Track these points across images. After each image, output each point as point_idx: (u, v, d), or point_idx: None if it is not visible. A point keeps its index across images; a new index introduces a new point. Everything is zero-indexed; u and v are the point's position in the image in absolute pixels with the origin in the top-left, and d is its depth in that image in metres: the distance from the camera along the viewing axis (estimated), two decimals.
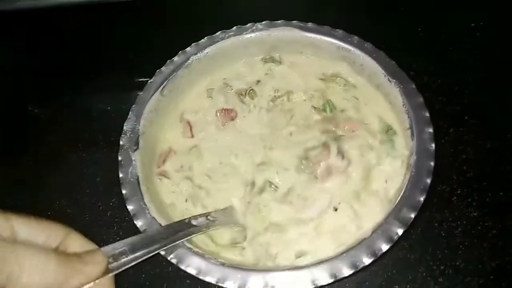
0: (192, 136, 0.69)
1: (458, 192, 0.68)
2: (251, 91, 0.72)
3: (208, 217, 0.57)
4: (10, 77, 0.92)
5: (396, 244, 0.62)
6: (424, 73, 0.79)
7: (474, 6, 0.89)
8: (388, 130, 0.65)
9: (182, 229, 0.53)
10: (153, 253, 0.48)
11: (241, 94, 0.72)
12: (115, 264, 0.44)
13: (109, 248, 0.45)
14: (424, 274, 0.62)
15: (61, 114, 0.84)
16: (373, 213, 0.58)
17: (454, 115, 0.75)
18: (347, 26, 0.72)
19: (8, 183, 0.76)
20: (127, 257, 0.45)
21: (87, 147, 0.77)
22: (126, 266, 0.45)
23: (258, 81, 0.73)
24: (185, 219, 0.55)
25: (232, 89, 0.73)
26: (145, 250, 0.47)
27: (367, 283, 0.62)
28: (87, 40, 0.94)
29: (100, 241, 0.67)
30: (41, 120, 0.85)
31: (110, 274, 0.43)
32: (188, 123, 0.70)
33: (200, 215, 0.57)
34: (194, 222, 0.55)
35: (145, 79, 0.70)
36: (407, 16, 0.90)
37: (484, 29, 0.85)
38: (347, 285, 0.62)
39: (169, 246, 0.51)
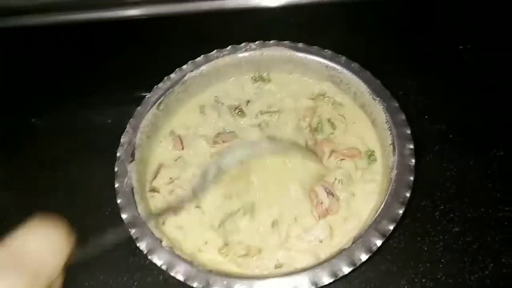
0: (182, 149, 0.74)
1: (441, 207, 0.72)
2: (240, 111, 0.77)
3: None
4: (14, 90, 0.99)
5: (380, 257, 0.68)
6: (411, 93, 0.85)
7: (462, 29, 0.96)
8: (370, 156, 0.70)
9: None
10: None
11: (234, 110, 0.77)
12: None
13: None
14: (406, 287, 0.66)
15: (62, 126, 0.90)
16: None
17: (439, 133, 0.80)
18: (337, 47, 0.77)
19: (8, 191, 0.82)
20: None
21: (86, 159, 0.83)
22: None
23: (248, 101, 0.79)
24: None
25: (224, 105, 0.78)
26: None
27: None
28: (89, 57, 1.01)
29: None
30: (43, 131, 0.90)
31: None
32: (179, 137, 0.75)
33: None
34: None
35: (145, 94, 0.76)
36: (396, 37, 0.96)
37: (470, 51, 0.91)
38: None
39: None
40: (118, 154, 0.68)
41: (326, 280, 0.55)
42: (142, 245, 0.59)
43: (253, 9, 0.99)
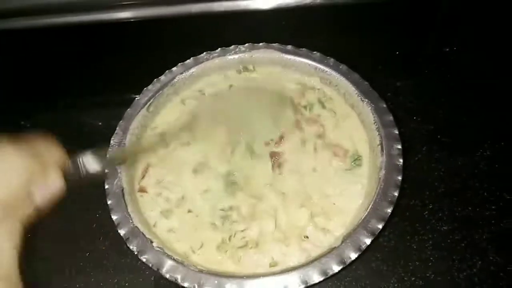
0: (167, 146, 0.74)
1: (430, 207, 0.74)
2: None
3: None
4: (4, 92, 0.98)
5: (370, 255, 0.69)
6: (400, 94, 0.86)
7: (448, 32, 0.98)
8: (356, 160, 0.70)
9: None
10: None
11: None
12: None
13: None
14: (396, 285, 0.67)
15: (53, 128, 0.89)
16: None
17: (428, 133, 0.82)
18: (327, 49, 0.79)
19: None
20: None
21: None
22: None
23: (231, 85, 0.79)
24: None
25: (205, 94, 0.79)
26: None
27: None
28: (80, 59, 1.01)
29: (86, 251, 0.72)
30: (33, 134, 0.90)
31: None
32: (163, 133, 0.75)
33: None
34: None
35: (134, 96, 0.76)
36: (385, 39, 0.98)
37: (457, 53, 0.93)
38: None
39: None
40: (107, 156, 0.68)
41: (316, 278, 0.56)
42: (133, 245, 0.59)
43: (242, 11, 1.00)
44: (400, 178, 0.63)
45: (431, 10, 1.01)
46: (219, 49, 0.80)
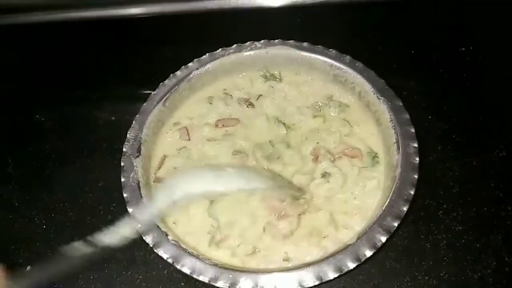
0: (189, 140, 0.75)
1: (444, 206, 0.74)
2: (250, 104, 0.78)
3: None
4: (19, 86, 1.00)
5: (384, 254, 0.69)
6: (415, 93, 0.87)
7: (464, 32, 0.98)
8: (374, 158, 0.71)
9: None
10: None
11: (243, 102, 0.79)
12: None
13: None
14: (409, 284, 0.68)
15: (68, 122, 0.92)
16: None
17: (442, 133, 0.82)
18: (344, 47, 0.79)
19: (15, 185, 0.83)
20: None
21: (91, 154, 0.84)
22: None
23: (260, 95, 0.80)
24: None
25: (232, 97, 0.80)
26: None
27: None
28: (96, 54, 1.03)
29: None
30: (48, 128, 0.92)
31: None
32: (186, 128, 0.76)
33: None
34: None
35: (150, 91, 0.77)
36: (401, 38, 0.98)
37: (473, 53, 0.93)
38: None
39: None
40: (124, 149, 0.70)
41: (332, 275, 0.56)
42: (148, 239, 0.60)
43: (258, 8, 1.01)
44: (416, 176, 0.63)
45: (446, 10, 1.01)
46: (234, 45, 0.81)
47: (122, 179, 0.66)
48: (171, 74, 0.78)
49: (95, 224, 0.76)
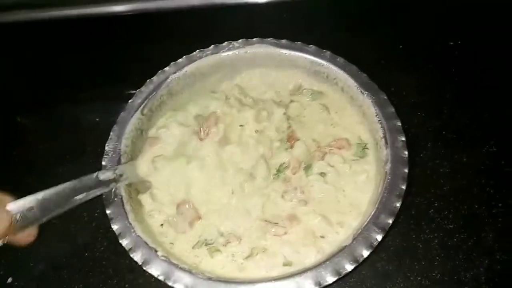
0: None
1: (435, 205, 0.78)
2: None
3: (115, 171, 0.67)
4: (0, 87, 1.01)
5: (375, 256, 0.72)
6: (404, 89, 0.90)
7: (453, 26, 1.01)
8: (363, 149, 0.74)
9: (92, 184, 0.63)
10: (64, 210, 0.58)
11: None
12: (23, 222, 0.52)
13: (15, 206, 0.52)
14: (401, 285, 0.72)
15: (50, 124, 0.94)
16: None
17: (432, 130, 0.86)
18: (329, 44, 0.81)
19: None
20: (36, 215, 0.53)
21: (74, 158, 0.86)
22: (35, 224, 0.53)
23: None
24: (92, 174, 0.65)
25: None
26: (56, 209, 0.57)
27: None
28: (77, 53, 1.04)
29: (85, 250, 0.77)
30: (30, 130, 0.94)
31: (16, 235, 0.50)
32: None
33: (107, 170, 0.67)
34: (101, 177, 0.64)
35: (134, 91, 0.79)
36: (389, 34, 1.01)
37: (462, 48, 0.97)
38: None
39: (79, 203, 0.60)
40: (103, 163, 0.71)
41: (330, 279, 0.58)
42: (137, 256, 0.62)
43: (235, 5, 1.03)
44: (406, 170, 0.66)
45: (434, 4, 1.04)
46: (212, 46, 0.82)
47: (104, 195, 0.67)
48: (148, 80, 0.79)
49: (79, 231, 0.79)
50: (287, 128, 0.78)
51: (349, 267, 0.59)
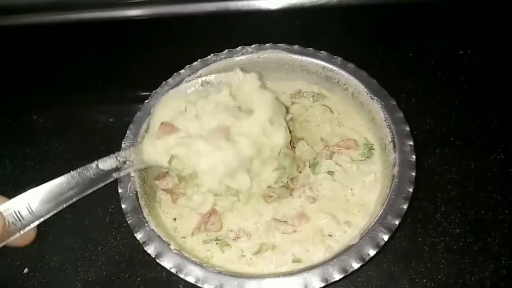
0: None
1: (442, 209, 0.80)
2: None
3: (118, 158, 0.66)
4: (14, 88, 1.06)
5: (382, 257, 0.75)
6: (414, 96, 0.93)
7: (462, 35, 1.05)
8: (370, 150, 0.78)
9: (93, 175, 0.60)
10: (61, 208, 0.54)
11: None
12: (17, 225, 0.48)
13: (5, 207, 0.49)
14: (407, 286, 0.74)
15: (66, 124, 0.98)
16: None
17: (441, 136, 0.89)
18: (340, 52, 0.84)
19: (14, 188, 0.87)
20: (31, 215, 0.49)
21: (89, 157, 0.88)
22: (31, 226, 0.49)
23: None
24: (91, 163, 0.62)
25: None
26: (51, 206, 0.52)
27: None
28: (92, 56, 1.09)
29: (98, 245, 0.81)
30: (46, 130, 0.98)
31: (12, 238, 0.48)
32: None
33: (108, 157, 0.66)
34: (101, 166, 0.63)
35: (148, 93, 0.82)
36: (400, 42, 1.05)
37: (470, 56, 1.00)
38: None
39: (80, 197, 0.57)
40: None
41: (337, 276, 0.61)
42: (150, 249, 0.65)
43: (249, 11, 1.08)
44: (413, 174, 0.69)
45: (444, 13, 1.08)
46: (226, 50, 0.86)
47: (120, 190, 0.71)
48: (163, 82, 0.83)
49: (93, 226, 0.83)
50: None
51: (355, 265, 0.62)
